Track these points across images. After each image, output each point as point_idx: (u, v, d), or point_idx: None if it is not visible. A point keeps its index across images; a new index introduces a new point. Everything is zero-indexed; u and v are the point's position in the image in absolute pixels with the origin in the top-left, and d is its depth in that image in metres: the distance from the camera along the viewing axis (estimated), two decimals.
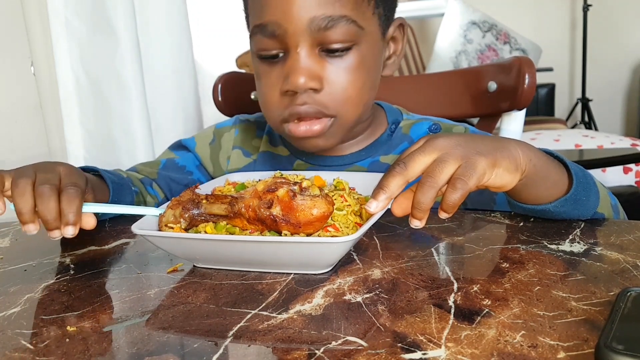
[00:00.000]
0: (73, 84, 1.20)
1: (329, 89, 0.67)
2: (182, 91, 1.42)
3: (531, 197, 0.59)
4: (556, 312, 0.40)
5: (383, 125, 0.81)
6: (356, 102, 0.69)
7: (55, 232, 0.54)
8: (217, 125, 0.91)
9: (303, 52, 0.65)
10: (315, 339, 0.39)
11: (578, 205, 0.59)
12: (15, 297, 0.51)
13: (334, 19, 0.64)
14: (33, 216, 0.54)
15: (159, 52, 1.36)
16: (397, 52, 0.76)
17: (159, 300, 0.48)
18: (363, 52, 0.68)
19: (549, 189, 0.58)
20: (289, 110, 0.68)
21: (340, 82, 0.67)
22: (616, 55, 3.29)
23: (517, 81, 0.95)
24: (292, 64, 0.66)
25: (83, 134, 1.22)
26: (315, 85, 0.66)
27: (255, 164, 0.85)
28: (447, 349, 0.36)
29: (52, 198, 0.53)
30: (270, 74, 0.69)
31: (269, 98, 0.70)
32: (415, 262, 0.52)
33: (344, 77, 0.67)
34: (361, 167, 0.78)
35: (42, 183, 0.54)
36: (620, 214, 0.66)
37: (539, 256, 0.51)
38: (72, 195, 0.54)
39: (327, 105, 0.67)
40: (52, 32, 1.17)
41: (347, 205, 0.55)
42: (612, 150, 1.88)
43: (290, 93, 0.67)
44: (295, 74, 0.65)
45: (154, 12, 1.34)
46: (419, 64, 2.76)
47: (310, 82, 0.65)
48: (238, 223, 0.54)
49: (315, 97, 0.67)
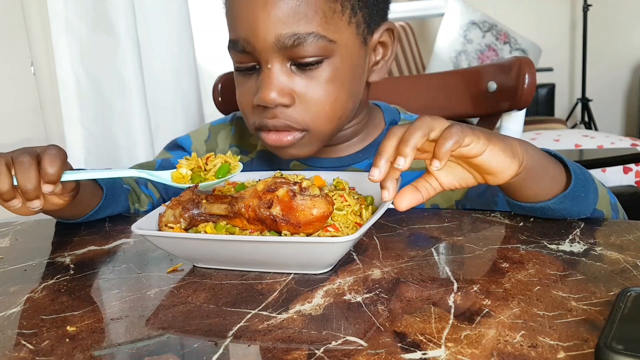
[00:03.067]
0: (73, 83, 1.20)
1: (300, 104, 0.66)
2: (183, 90, 1.42)
3: (531, 194, 0.59)
4: (556, 312, 0.40)
5: (380, 126, 0.80)
6: (329, 116, 0.68)
7: (35, 202, 0.57)
8: (213, 123, 0.91)
9: (274, 68, 0.65)
10: (315, 339, 0.39)
11: (577, 202, 0.59)
12: (15, 297, 0.51)
13: (301, 36, 0.63)
14: (13, 192, 0.56)
15: (160, 51, 1.36)
16: (385, 57, 0.74)
17: (159, 300, 0.48)
18: (336, 65, 0.67)
19: (547, 185, 0.58)
20: (259, 121, 0.68)
21: (312, 97, 0.66)
22: (616, 55, 3.29)
23: (517, 81, 0.95)
24: (263, 79, 0.66)
25: (83, 134, 1.22)
26: (286, 101, 0.65)
27: (252, 162, 0.85)
28: (447, 349, 0.36)
29: (32, 167, 0.55)
30: (245, 84, 0.69)
31: (244, 107, 0.71)
32: (415, 262, 0.52)
33: (315, 91, 0.66)
34: (358, 169, 0.77)
35: (21, 154, 0.56)
36: (619, 212, 0.66)
37: (539, 256, 0.51)
38: (53, 155, 0.56)
39: (297, 120, 0.67)
40: (52, 31, 1.17)
41: (347, 205, 0.55)
42: (612, 150, 1.88)
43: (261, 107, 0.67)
44: (265, 89, 0.65)
45: (155, 11, 1.33)
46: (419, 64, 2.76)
47: (280, 98, 0.65)
48: (238, 223, 0.54)
49: (286, 111, 0.66)
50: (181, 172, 0.60)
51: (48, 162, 0.55)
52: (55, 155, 0.56)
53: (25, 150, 0.57)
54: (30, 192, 0.55)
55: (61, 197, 0.61)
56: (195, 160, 0.61)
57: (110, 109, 1.26)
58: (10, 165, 0.56)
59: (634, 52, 3.27)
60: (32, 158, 0.56)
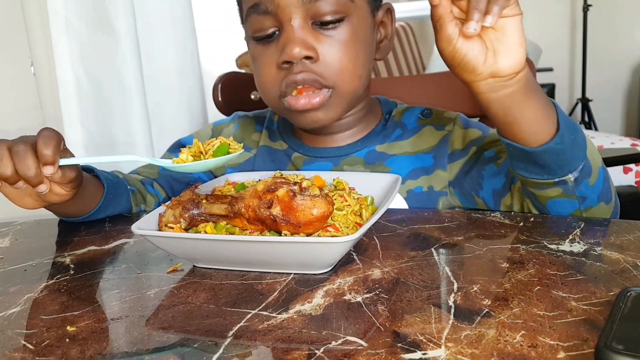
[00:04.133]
0: (73, 83, 1.20)
1: (324, 60, 0.68)
2: (187, 91, 1.41)
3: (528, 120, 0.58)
4: (556, 312, 0.40)
5: (378, 117, 0.83)
6: (352, 73, 0.71)
7: (41, 187, 0.57)
8: (215, 123, 0.92)
9: (296, 24, 0.67)
10: (315, 339, 0.39)
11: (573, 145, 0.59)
12: (15, 297, 0.51)
13: None
14: (17, 175, 0.56)
15: (164, 52, 1.36)
16: (387, 37, 0.79)
17: (159, 300, 0.48)
18: (355, 26, 0.70)
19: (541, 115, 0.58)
20: (286, 81, 0.69)
21: (335, 53, 0.69)
22: (616, 55, 3.29)
23: None
24: (287, 35, 0.68)
25: (83, 134, 1.22)
26: (311, 53, 0.67)
27: (255, 158, 0.86)
28: (447, 349, 0.36)
29: (28, 153, 0.56)
30: (265, 54, 0.71)
31: (266, 76, 0.72)
32: (415, 262, 0.52)
33: (338, 48, 0.69)
34: (358, 158, 0.79)
35: (16, 143, 0.57)
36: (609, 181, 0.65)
37: (539, 256, 0.51)
38: (47, 137, 0.56)
39: (323, 75, 0.69)
40: (52, 32, 1.17)
41: (347, 205, 0.55)
42: (612, 150, 1.88)
43: (287, 65, 0.68)
44: (290, 44, 0.67)
45: (158, 11, 1.33)
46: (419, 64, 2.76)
47: (305, 51, 0.67)
48: (238, 223, 0.54)
49: (312, 66, 0.68)
50: (182, 158, 0.60)
51: (42, 144, 0.56)
52: (49, 137, 0.56)
53: (20, 139, 0.58)
54: (32, 179, 0.56)
55: (63, 187, 0.61)
56: (196, 146, 0.61)
57: (110, 109, 1.26)
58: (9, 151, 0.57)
59: (634, 52, 3.27)
60: (27, 145, 0.56)
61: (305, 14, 0.67)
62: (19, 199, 0.62)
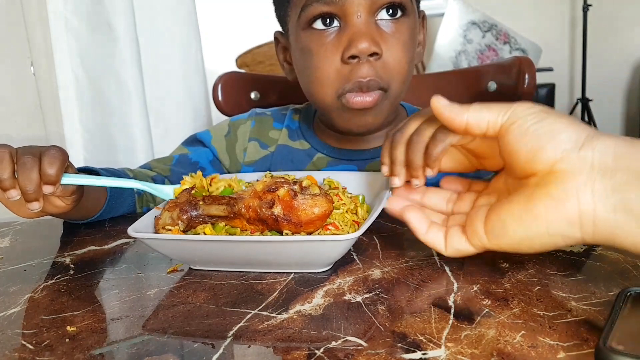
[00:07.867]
0: (73, 83, 1.20)
1: (385, 59, 0.68)
2: (190, 90, 1.41)
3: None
4: (556, 312, 0.40)
5: None
6: (404, 74, 0.70)
7: (34, 204, 0.55)
8: (232, 119, 0.90)
9: (363, 18, 0.66)
10: (315, 339, 0.39)
11: None
12: (15, 297, 0.51)
13: None
14: (13, 182, 0.55)
15: (168, 51, 1.36)
16: (421, 43, 0.78)
17: (158, 301, 0.48)
18: (411, 25, 0.70)
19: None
20: (353, 78, 0.67)
21: (396, 53, 0.68)
22: (616, 55, 3.28)
23: (517, 81, 0.95)
24: (355, 29, 0.66)
25: (82, 134, 1.23)
26: (378, 49, 0.66)
27: (272, 156, 0.85)
28: (447, 349, 0.36)
29: (34, 168, 0.55)
30: (325, 45, 0.68)
31: (326, 71, 0.69)
32: (415, 262, 0.52)
33: (398, 48, 0.68)
34: None
35: (24, 154, 0.56)
36: None
37: (539, 256, 0.51)
38: (53, 156, 0.55)
39: (381, 75, 0.68)
40: (52, 32, 1.17)
41: (342, 204, 0.55)
42: None
43: (353, 60, 0.67)
44: (360, 38, 0.65)
45: (161, 11, 1.33)
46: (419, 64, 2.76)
47: (373, 46, 0.66)
48: (237, 224, 0.54)
49: (375, 64, 0.67)
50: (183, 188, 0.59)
51: (47, 162, 0.55)
52: (55, 157, 0.55)
53: (28, 151, 0.57)
54: (30, 194, 0.55)
55: (64, 199, 0.61)
56: (200, 178, 0.59)
57: (110, 109, 1.26)
58: (14, 157, 0.56)
59: (634, 52, 3.27)
60: (34, 159, 0.55)
61: (370, 8, 0.66)
62: (16, 208, 0.60)
